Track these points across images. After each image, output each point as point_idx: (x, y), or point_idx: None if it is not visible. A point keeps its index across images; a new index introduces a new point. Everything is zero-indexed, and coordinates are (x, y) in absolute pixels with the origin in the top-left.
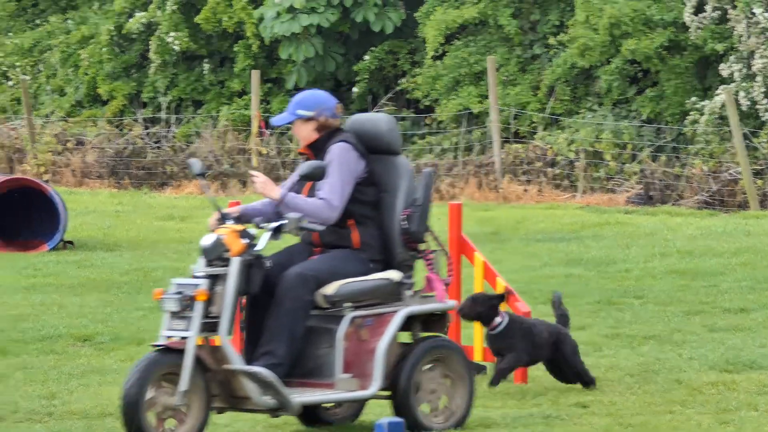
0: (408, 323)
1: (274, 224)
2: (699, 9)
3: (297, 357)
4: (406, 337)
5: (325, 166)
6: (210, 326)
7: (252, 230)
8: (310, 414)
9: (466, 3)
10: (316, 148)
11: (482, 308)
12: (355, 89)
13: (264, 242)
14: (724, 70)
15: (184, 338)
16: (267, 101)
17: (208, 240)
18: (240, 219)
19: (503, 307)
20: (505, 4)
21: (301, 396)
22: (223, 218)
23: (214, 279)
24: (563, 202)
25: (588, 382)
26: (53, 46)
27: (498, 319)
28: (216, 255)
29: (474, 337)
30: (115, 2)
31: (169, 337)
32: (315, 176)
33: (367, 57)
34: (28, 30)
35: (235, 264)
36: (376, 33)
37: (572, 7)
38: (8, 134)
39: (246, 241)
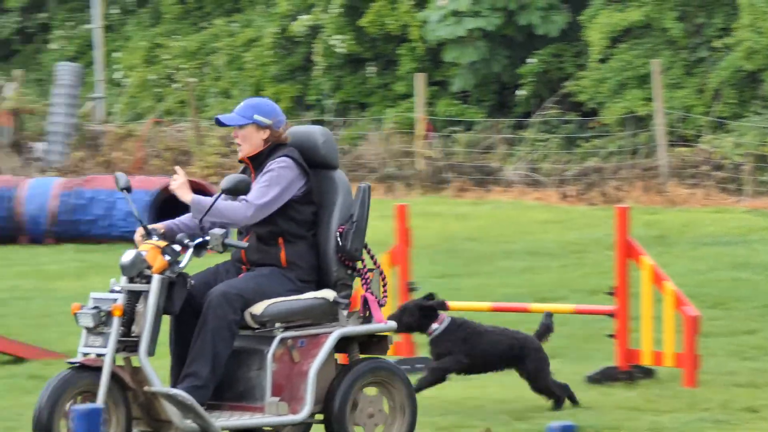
0: (346, 345)
1: (197, 240)
2: None
3: (228, 379)
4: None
5: (248, 180)
6: (132, 346)
7: (176, 247)
8: None
9: (630, 6)
10: (258, 161)
11: (411, 318)
12: (522, 91)
13: (187, 259)
14: None
15: (100, 355)
16: (432, 104)
17: (127, 256)
18: (165, 235)
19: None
20: (670, 8)
21: (227, 420)
22: (148, 234)
23: (137, 297)
24: (730, 205)
25: (558, 398)
26: (218, 48)
27: (435, 325)
28: (136, 272)
29: (641, 341)
30: (279, 5)
31: (85, 354)
32: (238, 190)
33: (532, 60)
34: (194, 33)
35: (156, 281)
36: (540, 36)
37: (737, 11)
38: (174, 136)
39: (168, 258)
